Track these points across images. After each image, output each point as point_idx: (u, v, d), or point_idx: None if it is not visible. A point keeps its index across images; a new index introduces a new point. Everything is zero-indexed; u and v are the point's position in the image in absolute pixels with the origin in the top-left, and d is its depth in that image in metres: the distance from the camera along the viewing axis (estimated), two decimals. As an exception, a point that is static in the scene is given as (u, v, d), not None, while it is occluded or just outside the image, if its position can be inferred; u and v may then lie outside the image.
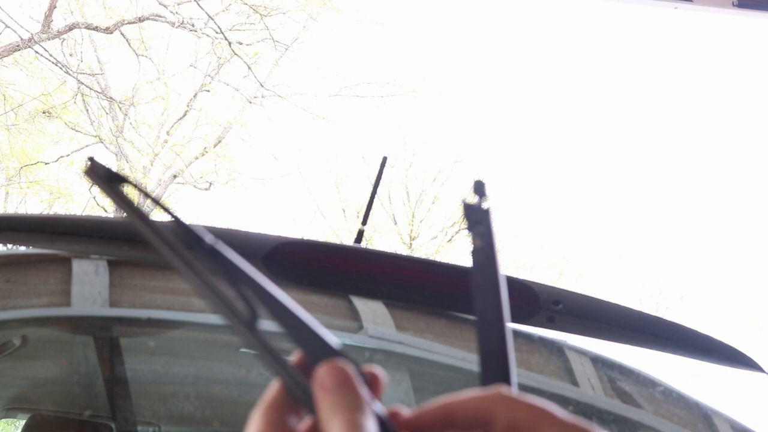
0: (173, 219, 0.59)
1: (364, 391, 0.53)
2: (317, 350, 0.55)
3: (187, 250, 0.57)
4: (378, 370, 0.55)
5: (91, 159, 0.59)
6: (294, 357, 0.56)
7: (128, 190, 0.59)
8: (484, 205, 0.61)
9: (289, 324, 0.56)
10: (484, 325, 0.62)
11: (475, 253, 0.61)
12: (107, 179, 0.59)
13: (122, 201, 0.59)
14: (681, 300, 18.92)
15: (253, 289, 0.57)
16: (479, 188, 0.61)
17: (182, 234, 0.58)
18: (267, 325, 0.55)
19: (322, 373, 0.53)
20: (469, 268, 0.61)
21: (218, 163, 14.31)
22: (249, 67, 12.27)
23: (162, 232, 0.57)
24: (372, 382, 0.55)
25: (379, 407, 0.54)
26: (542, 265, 18.05)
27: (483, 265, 0.61)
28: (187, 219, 0.58)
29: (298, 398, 0.54)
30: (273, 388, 0.55)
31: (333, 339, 0.56)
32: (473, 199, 0.61)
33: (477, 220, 0.61)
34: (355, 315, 1.49)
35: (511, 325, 0.61)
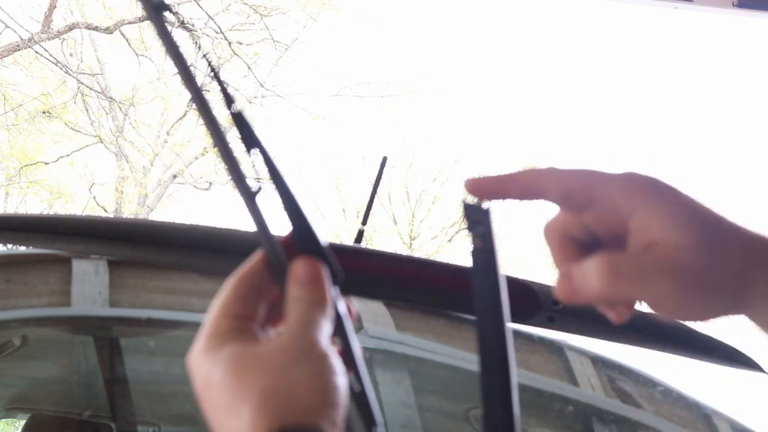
0: (213, 75, 0.62)
1: (330, 292, 0.57)
2: (305, 240, 0.59)
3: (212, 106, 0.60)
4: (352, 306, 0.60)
5: None
6: (282, 236, 0.59)
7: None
8: (484, 205, 0.61)
9: (289, 207, 0.60)
10: (484, 325, 0.62)
11: (475, 253, 0.61)
12: (157, 6, 0.59)
13: (166, 36, 0.61)
14: (681, 300, 18.91)
15: (266, 163, 0.60)
16: None
17: (219, 90, 0.61)
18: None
19: (298, 266, 0.57)
20: (469, 268, 0.61)
21: (218, 163, 14.30)
22: (249, 67, 12.27)
23: (194, 80, 0.60)
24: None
25: (342, 309, 0.58)
26: (542, 265, 18.05)
27: (483, 265, 0.61)
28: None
29: (274, 273, 0.58)
30: (253, 260, 0.59)
31: (322, 237, 0.59)
32: (473, 199, 0.61)
33: (477, 220, 0.61)
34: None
35: (511, 325, 0.61)
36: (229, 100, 0.61)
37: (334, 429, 0.51)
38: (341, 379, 0.54)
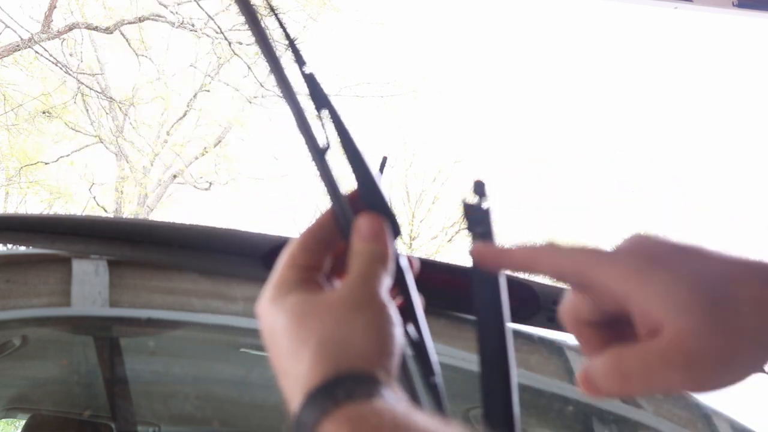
0: (287, 39, 0.65)
1: (392, 248, 0.59)
2: (370, 196, 0.61)
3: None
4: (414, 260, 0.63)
5: None
6: (349, 192, 0.62)
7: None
8: (484, 205, 0.61)
9: (356, 165, 0.62)
10: (484, 325, 0.62)
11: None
12: None
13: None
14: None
15: (334, 123, 0.63)
16: (479, 188, 0.62)
17: (290, 51, 0.65)
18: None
19: (362, 222, 0.59)
20: (469, 268, 0.61)
21: (218, 163, 14.30)
22: (249, 67, 12.27)
23: (269, 42, 0.63)
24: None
25: (403, 263, 0.61)
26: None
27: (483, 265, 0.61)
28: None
29: (341, 227, 0.60)
30: (322, 215, 0.62)
31: (386, 195, 0.62)
32: (473, 199, 0.61)
33: (477, 220, 0.61)
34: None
35: (511, 325, 0.61)
36: (300, 62, 0.64)
37: (387, 376, 0.53)
38: (398, 329, 0.56)
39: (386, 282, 0.58)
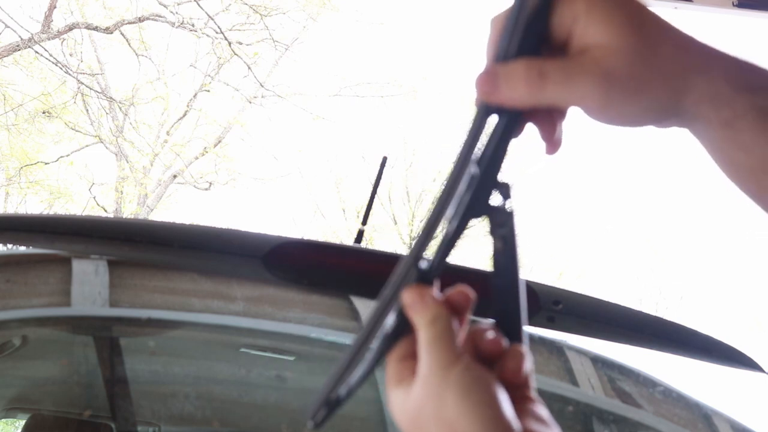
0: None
1: (436, 302, 0.58)
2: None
3: None
4: (465, 290, 0.60)
5: None
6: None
7: None
8: (508, 208, 0.60)
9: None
10: (502, 326, 0.62)
11: (496, 256, 0.61)
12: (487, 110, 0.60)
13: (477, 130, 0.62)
14: (681, 300, 18.91)
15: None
16: (504, 190, 0.61)
17: None
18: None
19: (406, 297, 0.58)
20: (469, 268, 0.61)
21: (218, 163, 14.30)
22: (249, 67, 12.26)
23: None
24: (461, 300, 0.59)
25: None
26: (542, 265, 18.04)
27: (503, 267, 0.61)
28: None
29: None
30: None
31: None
32: (498, 200, 0.61)
33: (500, 222, 0.61)
34: (355, 315, 1.48)
35: (526, 328, 0.61)
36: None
37: None
38: (491, 392, 0.53)
39: (451, 339, 0.56)
